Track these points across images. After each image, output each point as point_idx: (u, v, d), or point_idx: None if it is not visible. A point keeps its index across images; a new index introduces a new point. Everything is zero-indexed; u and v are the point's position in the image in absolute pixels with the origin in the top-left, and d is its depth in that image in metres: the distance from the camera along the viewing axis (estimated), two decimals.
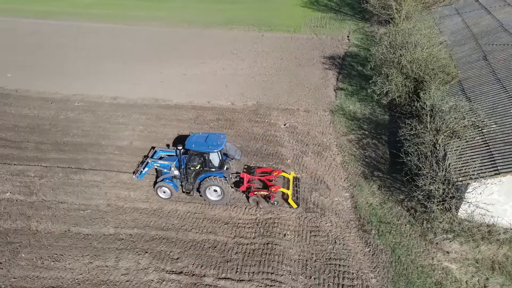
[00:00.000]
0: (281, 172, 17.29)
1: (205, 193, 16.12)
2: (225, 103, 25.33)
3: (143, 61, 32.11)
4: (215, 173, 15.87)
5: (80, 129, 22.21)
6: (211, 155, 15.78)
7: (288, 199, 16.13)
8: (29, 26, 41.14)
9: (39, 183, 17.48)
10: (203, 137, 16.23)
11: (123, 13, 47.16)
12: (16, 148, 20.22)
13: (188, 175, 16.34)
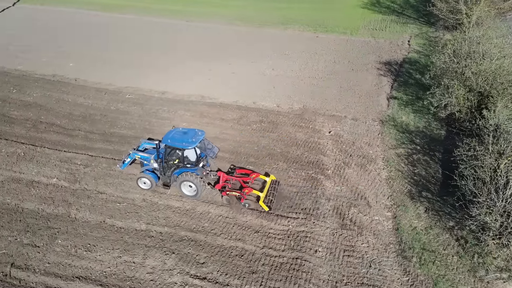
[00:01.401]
0: (259, 175, 17.01)
1: (181, 187, 16.31)
2: (271, 105, 24.80)
3: (195, 57, 32.46)
4: (189, 169, 15.96)
5: (127, 121, 22.86)
6: (186, 151, 15.90)
7: (259, 202, 15.67)
8: (95, 19, 43.47)
9: (83, 172, 18.16)
10: (182, 132, 16.28)
11: (183, 8, 48.25)
12: (67, 135, 21.25)
13: (165, 169, 16.45)
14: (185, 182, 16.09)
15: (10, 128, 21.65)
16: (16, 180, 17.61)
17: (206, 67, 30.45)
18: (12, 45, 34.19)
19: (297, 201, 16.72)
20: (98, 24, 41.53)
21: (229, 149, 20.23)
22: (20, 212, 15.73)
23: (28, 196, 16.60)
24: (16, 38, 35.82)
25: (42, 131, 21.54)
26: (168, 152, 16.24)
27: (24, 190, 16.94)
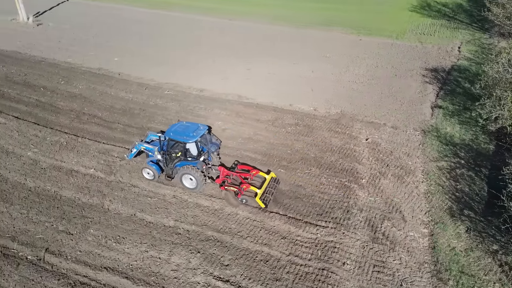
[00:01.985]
0: (259, 172, 17.03)
1: (182, 180, 16.71)
2: (307, 108, 24.31)
3: (235, 56, 32.58)
4: (190, 162, 16.33)
5: (164, 117, 23.26)
6: (187, 145, 16.18)
7: (256, 198, 15.54)
8: (142, 15, 44.84)
9: (119, 164, 18.66)
10: (185, 126, 16.73)
11: (227, 7, 48.65)
12: (107, 127, 21.95)
13: (168, 161, 16.84)
14: (186, 174, 16.47)
15: (56, 118, 22.71)
16: (57, 168, 18.40)
17: (245, 67, 30.45)
18: (64, 38, 35.99)
19: (328, 209, 16.22)
20: (144, 20, 42.77)
21: (262, 151, 20.03)
22: (58, 199, 16.40)
23: (67, 184, 17.28)
24: (68, 32, 37.67)
25: (84, 122, 22.41)
26: (171, 145, 16.60)
27: (63, 178, 17.66)
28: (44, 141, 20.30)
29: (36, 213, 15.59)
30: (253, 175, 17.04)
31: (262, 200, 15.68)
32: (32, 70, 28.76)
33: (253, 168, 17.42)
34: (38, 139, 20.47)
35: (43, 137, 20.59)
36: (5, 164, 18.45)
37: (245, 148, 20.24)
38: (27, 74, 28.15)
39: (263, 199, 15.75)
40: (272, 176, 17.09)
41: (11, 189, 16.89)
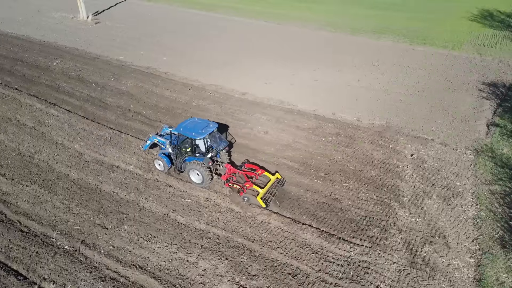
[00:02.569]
0: (264, 172, 17.33)
1: (189, 174, 17.21)
2: (350, 118, 23.47)
3: (280, 60, 32.33)
4: (197, 158, 16.79)
5: (204, 118, 23.38)
6: (196, 141, 16.60)
7: (257, 197, 15.73)
8: (193, 16, 45.93)
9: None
10: (195, 123, 17.16)
11: (276, 11, 48.61)
12: (150, 125, 22.49)
13: (178, 155, 17.41)
14: (193, 170, 16.92)
15: (103, 113, 23.65)
16: (100, 162, 19.09)
17: (289, 72, 30.09)
18: (118, 36, 37.62)
19: (364, 226, 15.43)
20: (194, 21, 43.75)
21: (300, 159, 19.55)
22: (98, 193, 16.97)
23: (107, 179, 17.86)
24: (122, 31, 39.36)
25: (129, 119, 23.14)
26: (181, 140, 17.14)
27: (104, 172, 18.28)
28: (91, 135, 21.17)
29: (76, 204, 16.22)
30: (259, 175, 17.31)
31: (263, 200, 15.81)
32: (87, 66, 30.27)
33: (259, 168, 17.71)
34: (85, 132, 21.39)
35: (90, 131, 21.49)
36: (54, 155, 19.43)
37: (282, 156, 19.87)
38: (82, 69, 29.65)
39: (264, 199, 15.88)
40: (277, 177, 17.25)
41: (56, 179, 17.73)
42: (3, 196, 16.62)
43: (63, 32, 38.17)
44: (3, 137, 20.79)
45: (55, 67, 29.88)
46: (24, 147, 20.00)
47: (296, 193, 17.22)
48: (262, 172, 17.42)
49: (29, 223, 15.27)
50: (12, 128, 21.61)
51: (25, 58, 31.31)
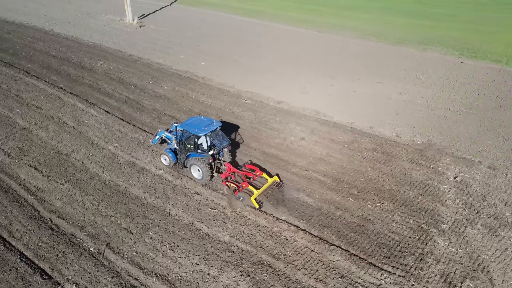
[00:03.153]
0: (262, 174, 17.39)
1: (191, 170, 17.73)
2: (389, 133, 22.31)
3: (319, 69, 31.61)
4: (199, 154, 17.25)
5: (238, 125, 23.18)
6: (198, 137, 17.09)
7: (251, 197, 15.84)
8: (234, 22, 46.21)
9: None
10: (200, 120, 17.71)
11: (318, 19, 47.87)
12: None
13: (182, 151, 17.91)
14: (194, 165, 17.39)
15: (139, 115, 24.02)
16: (132, 164, 19.28)
17: (328, 82, 29.31)
18: (160, 40, 38.46)
19: (397, 252, 14.40)
20: (236, 27, 43.97)
21: (332, 174, 18.75)
22: (127, 196, 17.09)
23: (137, 182, 17.97)
24: (165, 34, 40.23)
25: (163, 123, 23.30)
26: (186, 136, 17.62)
27: (135, 175, 18.42)
28: (126, 137, 21.51)
29: (105, 206, 16.40)
30: (257, 176, 17.40)
31: (256, 201, 15.94)
32: (128, 68, 31.06)
33: (259, 170, 17.76)
34: (120, 134, 21.77)
35: (125, 133, 21.85)
36: (89, 155, 19.88)
37: (314, 169, 19.15)
38: (123, 71, 30.46)
39: (258, 200, 16.04)
40: (276, 179, 17.27)
41: (89, 179, 18.07)
42: (38, 193, 17.14)
43: (109, 34, 39.58)
44: (44, 134, 21.59)
45: (99, 68, 30.90)
46: (62, 145, 20.64)
47: (326, 210, 16.45)
48: (261, 173, 17.48)
49: (59, 221, 15.59)
50: (53, 126, 22.42)
51: (72, 58, 32.65)
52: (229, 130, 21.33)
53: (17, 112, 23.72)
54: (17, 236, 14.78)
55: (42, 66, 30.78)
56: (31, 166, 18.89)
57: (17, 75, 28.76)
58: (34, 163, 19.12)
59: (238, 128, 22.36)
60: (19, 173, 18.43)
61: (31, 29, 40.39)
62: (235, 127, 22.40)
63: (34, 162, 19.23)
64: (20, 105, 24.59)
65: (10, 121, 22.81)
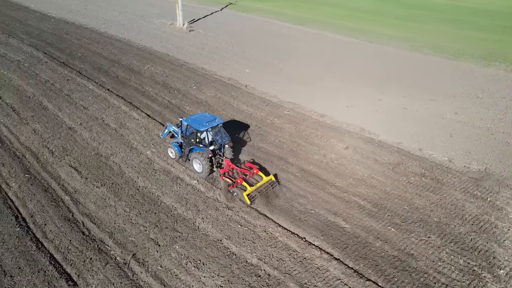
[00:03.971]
0: (258, 172, 17.83)
1: (192, 163, 18.61)
2: (441, 157, 20.47)
3: (366, 82, 30.08)
4: (200, 149, 18.00)
5: (277, 138, 22.40)
6: (199, 132, 17.80)
7: (244, 193, 16.45)
8: (283, 29, 45.59)
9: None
10: (203, 116, 18.64)
11: (370, 28, 46.01)
12: None
13: (186, 144, 18.78)
14: (195, 159, 18.21)
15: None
16: (167, 172, 19.12)
17: (376, 96, 27.75)
18: (207, 45, 38.71)
19: None
20: (284, 34, 43.33)
21: (373, 199, 17.39)
22: (158, 205, 16.88)
23: (170, 191, 17.73)
24: (212, 39, 40.47)
25: None
26: (189, 131, 18.37)
27: (168, 184, 18.21)
28: (164, 143, 21.46)
29: (136, 214, 16.28)
30: (254, 174, 17.87)
31: (249, 197, 16.42)
32: (173, 73, 31.39)
33: (256, 168, 18.11)
34: (159, 139, 21.78)
35: (164, 139, 21.84)
36: (126, 159, 20.03)
37: (354, 191, 17.90)
38: (168, 75, 30.81)
39: (250, 196, 16.49)
40: (271, 178, 17.65)
41: (124, 184, 18.12)
42: (75, 194, 17.42)
43: (159, 38, 40.48)
44: (87, 135, 22.12)
45: (146, 71, 31.51)
46: (103, 147, 20.99)
47: (364, 239, 15.19)
48: (258, 171, 17.89)
49: (90, 226, 15.66)
50: (97, 127, 22.94)
51: (122, 61, 33.63)
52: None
53: (66, 111, 24.60)
54: (49, 237, 15.00)
55: (94, 67, 31.93)
56: (72, 167, 19.32)
57: (70, 75, 30.01)
58: (75, 164, 19.55)
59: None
60: (60, 172, 18.91)
61: (88, 31, 42.31)
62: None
63: (75, 162, 19.67)
64: (69, 104, 25.51)
65: (58, 120, 23.67)
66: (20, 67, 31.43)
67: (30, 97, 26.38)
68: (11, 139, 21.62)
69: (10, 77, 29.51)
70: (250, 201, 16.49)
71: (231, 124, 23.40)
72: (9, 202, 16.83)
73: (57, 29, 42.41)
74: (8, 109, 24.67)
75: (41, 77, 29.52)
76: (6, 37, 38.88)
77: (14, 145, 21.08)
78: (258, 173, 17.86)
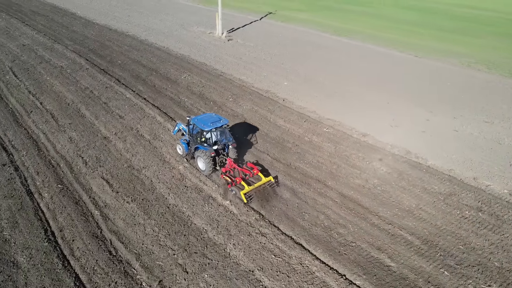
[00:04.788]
0: (258, 172, 18.15)
1: (197, 161, 19.37)
2: (500, 189, 18.41)
3: (411, 100, 28.16)
4: (204, 148, 18.57)
5: (316, 158, 21.08)
6: (204, 131, 18.46)
7: (241, 192, 16.86)
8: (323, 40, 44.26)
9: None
10: (209, 116, 19.28)
11: (416, 42, 43.75)
12: (256, 157, 21.07)
13: (192, 143, 19.43)
14: (199, 157, 18.88)
15: None
16: (199, 190, 18.30)
17: (423, 115, 25.85)
18: (246, 55, 38.06)
19: None
20: (324, 46, 42.00)
21: (422, 234, 15.67)
22: (188, 226, 16.02)
23: (201, 211, 16.84)
24: (251, 50, 39.79)
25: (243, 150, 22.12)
26: (196, 130, 18.94)
27: (199, 203, 17.34)
28: None
29: (165, 235, 15.49)
30: (254, 174, 18.15)
31: (246, 196, 16.80)
32: (210, 83, 30.86)
33: (256, 168, 18.36)
34: None
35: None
36: (158, 173, 19.42)
37: (400, 224, 16.26)
38: (205, 86, 30.30)
39: (247, 195, 16.89)
40: (270, 179, 17.93)
41: (154, 201, 17.45)
42: (104, 209, 16.93)
43: (197, 47, 40.33)
44: (121, 145, 21.81)
45: (182, 81, 31.20)
46: (136, 159, 20.55)
47: (412, 281, 13.57)
48: (257, 172, 18.17)
49: (118, 245, 15.02)
50: (131, 138, 22.61)
51: (160, 69, 33.57)
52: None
53: (102, 120, 24.52)
54: (76, 255, 14.49)
55: (132, 75, 32.02)
56: (104, 179, 18.94)
57: (109, 82, 30.20)
58: (107, 176, 19.17)
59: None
60: (92, 184, 18.56)
61: (129, 38, 42.92)
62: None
63: (107, 174, 19.30)
64: (106, 113, 25.46)
65: (94, 128, 23.59)
66: (63, 73, 32.06)
67: (69, 104, 26.63)
68: (47, 147, 21.66)
69: (52, 82, 30.08)
70: (247, 200, 16.88)
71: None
72: (40, 213, 16.57)
73: (100, 36, 43.35)
74: (47, 116, 24.94)
75: (81, 84, 29.88)
76: (52, 42, 40.11)
77: (50, 153, 21.08)
78: (258, 173, 18.15)
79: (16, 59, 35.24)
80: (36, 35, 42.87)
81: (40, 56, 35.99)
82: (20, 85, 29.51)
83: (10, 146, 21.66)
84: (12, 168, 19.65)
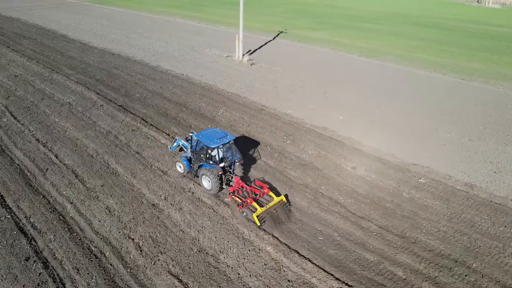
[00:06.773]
0: (269, 191, 16.86)
1: (201, 179, 17.77)
2: None
3: (496, 135, 24.28)
4: (210, 165, 17.16)
5: (431, 224, 16.55)
6: (210, 148, 17.08)
7: (253, 214, 15.42)
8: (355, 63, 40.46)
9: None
10: (215, 132, 17.79)
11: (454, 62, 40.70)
12: (356, 225, 16.28)
13: (195, 160, 18.06)
14: (205, 175, 17.37)
15: (291, 196, 18.23)
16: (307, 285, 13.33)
17: None
18: (278, 83, 33.67)
19: None
20: (358, 69, 38.30)
21: None
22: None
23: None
24: (281, 76, 35.58)
25: (325, 210, 17.38)
26: (200, 146, 17.94)
27: None
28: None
29: None
30: (264, 193, 16.92)
31: (258, 218, 15.42)
32: (254, 120, 26.06)
33: (267, 187, 17.10)
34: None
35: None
36: (244, 260, 14.28)
37: None
38: (250, 124, 25.44)
39: (260, 218, 15.50)
40: (282, 199, 16.69)
41: None
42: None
43: (220, 73, 35.54)
44: (178, 217, 16.58)
45: (221, 118, 26.24)
46: (205, 238, 15.35)
47: None
48: (268, 191, 16.96)
49: None
50: (187, 203, 17.36)
51: (188, 103, 28.49)
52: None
53: (141, 177, 19.20)
54: None
55: (159, 113, 26.79)
56: (172, 274, 13.67)
57: (134, 123, 24.85)
58: (175, 269, 13.91)
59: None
60: (158, 285, 13.24)
61: (138, 64, 37.63)
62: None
63: (174, 266, 14.04)
64: (143, 167, 20.12)
65: (135, 191, 18.24)
66: (73, 112, 26.45)
67: (93, 156, 21.11)
68: (80, 224, 16.13)
69: (64, 126, 24.45)
70: (260, 223, 15.52)
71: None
72: None
73: (104, 62, 37.88)
74: (69, 175, 19.36)
75: (100, 127, 24.39)
76: (50, 72, 34.31)
77: (87, 235, 15.56)
78: (269, 192, 16.94)
79: (11, 94, 29.34)
80: (27, 63, 36.92)
81: (40, 90, 30.20)
82: (24, 131, 23.70)
83: (29, 225, 16.00)
84: (39, 264, 14.04)
